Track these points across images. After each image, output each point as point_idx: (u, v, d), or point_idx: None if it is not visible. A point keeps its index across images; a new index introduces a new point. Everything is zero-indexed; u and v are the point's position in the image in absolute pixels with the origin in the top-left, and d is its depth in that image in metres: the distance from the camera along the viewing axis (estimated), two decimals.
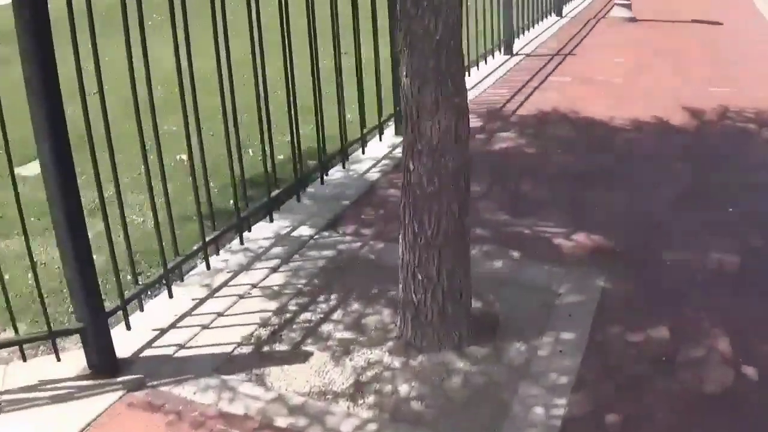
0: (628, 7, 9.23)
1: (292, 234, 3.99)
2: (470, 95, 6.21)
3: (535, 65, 7.21)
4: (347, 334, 3.16)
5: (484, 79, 6.69)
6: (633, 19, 9.18)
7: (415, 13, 2.60)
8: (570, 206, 4.23)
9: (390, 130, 5.38)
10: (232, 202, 3.87)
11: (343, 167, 4.77)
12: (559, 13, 9.50)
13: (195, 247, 3.56)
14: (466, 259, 2.96)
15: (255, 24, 3.73)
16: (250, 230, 3.97)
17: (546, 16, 9.01)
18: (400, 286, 3.01)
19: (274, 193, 4.05)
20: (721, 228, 3.96)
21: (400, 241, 2.94)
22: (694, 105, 5.96)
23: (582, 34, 8.51)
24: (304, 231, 4.01)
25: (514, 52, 7.64)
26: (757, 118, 5.68)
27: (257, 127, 3.89)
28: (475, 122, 5.59)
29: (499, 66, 7.14)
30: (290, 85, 4.05)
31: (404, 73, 2.71)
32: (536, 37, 8.38)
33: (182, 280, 3.54)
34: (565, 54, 7.68)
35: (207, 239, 3.57)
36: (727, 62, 7.36)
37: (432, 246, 2.83)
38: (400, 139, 5.08)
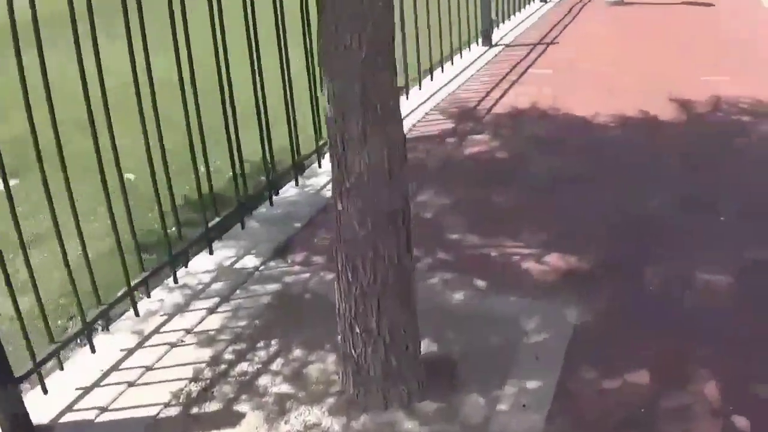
0: None
1: (235, 265, 3.62)
2: (442, 93, 5.86)
3: (515, 57, 6.80)
4: (286, 388, 2.79)
5: (459, 75, 6.29)
6: (621, 2, 8.76)
7: (333, 27, 2.20)
8: (544, 220, 3.85)
9: None
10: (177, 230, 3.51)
11: (297, 184, 4.38)
12: (543, 0, 9.08)
13: (119, 294, 3.18)
14: (411, 307, 2.58)
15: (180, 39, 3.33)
16: (186, 265, 3.60)
17: (528, 3, 8.58)
18: (339, 337, 2.63)
19: (212, 223, 3.67)
20: (713, 242, 3.58)
21: (336, 287, 2.56)
22: (685, 96, 5.56)
23: (566, 21, 8.09)
24: (249, 262, 3.64)
25: (494, 43, 7.22)
26: (751, 109, 5.28)
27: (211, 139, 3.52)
28: (446, 124, 5.20)
29: (476, 59, 6.73)
30: (228, 90, 3.65)
31: (326, 98, 2.32)
32: (517, 25, 7.97)
33: (108, 330, 3.17)
34: (547, 43, 7.27)
35: (133, 283, 3.20)
36: (718, 47, 6.94)
37: (369, 295, 2.45)
38: None
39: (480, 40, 7.13)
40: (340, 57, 2.22)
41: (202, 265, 3.63)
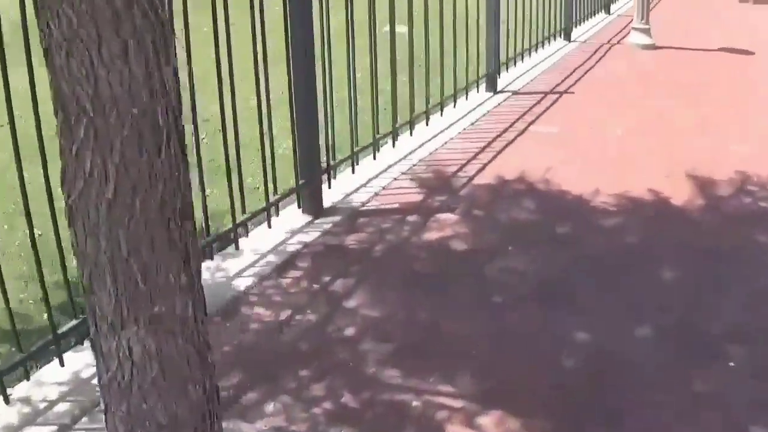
0: (647, 32, 7.87)
1: (93, 380, 2.81)
2: (422, 151, 4.97)
3: (519, 109, 5.92)
4: None
5: (447, 129, 5.43)
6: (651, 47, 7.82)
7: (68, 141, 1.37)
8: (494, 358, 2.97)
9: (290, 209, 4.15)
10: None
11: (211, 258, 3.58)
12: (568, 38, 8.16)
13: None
14: None
15: None
16: (28, 379, 2.81)
17: (548, 42, 7.67)
18: None
19: (62, 329, 2.88)
20: (716, 401, 2.68)
21: None
22: (706, 171, 4.65)
23: (587, 66, 7.18)
24: None
25: (498, 89, 6.35)
26: None
27: None
28: (413, 195, 4.34)
29: (473, 109, 5.85)
30: None
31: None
32: (532, 67, 7.07)
33: None
34: (560, 92, 6.37)
35: None
36: (755, 107, 5.99)
37: None
38: (306, 219, 3.87)
39: (484, 85, 6.25)
40: (81, 190, 1.38)
41: (52, 375, 2.84)
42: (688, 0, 10.26)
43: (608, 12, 9.70)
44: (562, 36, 8.08)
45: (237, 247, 3.71)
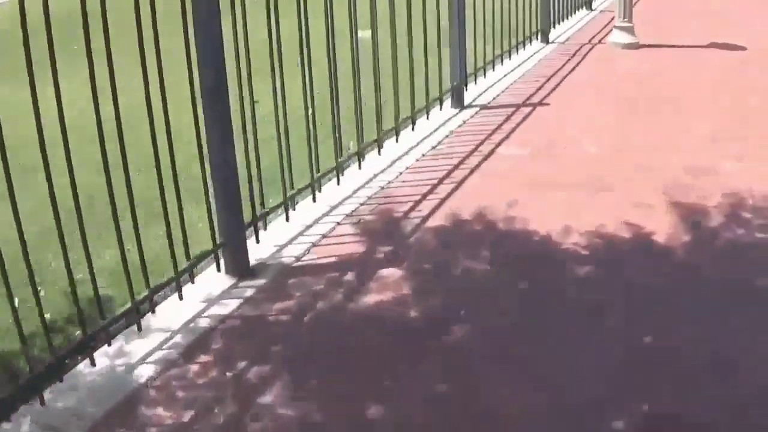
0: (630, 30, 7.30)
1: None
2: (371, 188, 4.34)
3: (487, 126, 5.36)
4: None
5: (404, 156, 4.86)
6: (635, 45, 7.26)
7: None
8: None
9: (210, 271, 3.60)
10: None
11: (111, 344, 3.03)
12: (545, 39, 7.58)
13: None
14: None
15: None
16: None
17: (525, 45, 7.09)
18: None
19: None
20: None
21: None
22: (691, 196, 4.13)
23: (565, 71, 6.61)
24: None
25: (466, 104, 5.78)
26: None
27: None
28: (353, 245, 3.80)
29: (435, 130, 5.29)
30: None
31: None
32: (506, 75, 6.50)
33: None
34: (534, 104, 5.81)
35: None
36: (746, 111, 5.43)
37: None
38: (228, 282, 3.32)
39: (449, 101, 5.69)
40: None
41: None
42: None
43: (590, 8, 9.13)
44: (539, 38, 7.50)
45: (140, 329, 3.15)
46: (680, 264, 3.57)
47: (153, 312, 3.22)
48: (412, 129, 5.13)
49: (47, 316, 2.90)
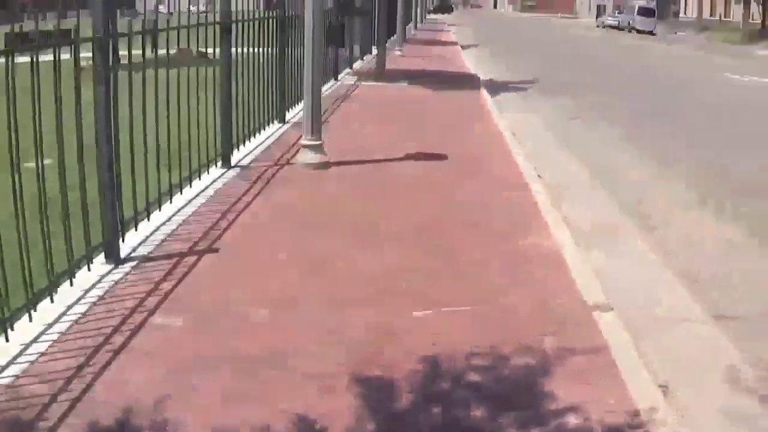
0: (318, 148, 6.77)
1: None
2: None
3: (142, 287, 4.38)
4: None
5: (24, 351, 3.72)
6: (324, 166, 6.70)
7: None
8: None
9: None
10: None
11: None
12: (227, 163, 6.81)
13: None
14: None
15: None
16: None
17: (200, 174, 6.23)
18: None
19: None
20: None
21: None
22: (387, 360, 3.42)
23: (243, 203, 5.85)
24: None
25: (124, 255, 4.77)
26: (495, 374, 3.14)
27: None
28: None
29: (73, 304, 4.19)
30: None
31: None
32: (177, 212, 5.59)
33: None
34: (200, 251, 4.93)
35: None
36: (442, 238, 4.95)
37: None
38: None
39: (102, 256, 4.64)
40: None
41: None
42: (383, 95, 9.37)
43: (283, 121, 8.56)
44: (220, 163, 6.71)
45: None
46: None
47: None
48: (30, 317, 3.94)
49: None
